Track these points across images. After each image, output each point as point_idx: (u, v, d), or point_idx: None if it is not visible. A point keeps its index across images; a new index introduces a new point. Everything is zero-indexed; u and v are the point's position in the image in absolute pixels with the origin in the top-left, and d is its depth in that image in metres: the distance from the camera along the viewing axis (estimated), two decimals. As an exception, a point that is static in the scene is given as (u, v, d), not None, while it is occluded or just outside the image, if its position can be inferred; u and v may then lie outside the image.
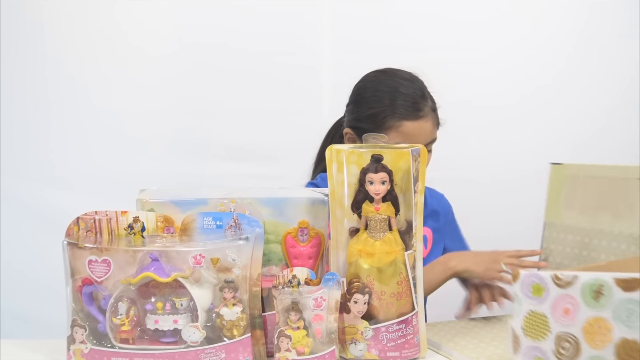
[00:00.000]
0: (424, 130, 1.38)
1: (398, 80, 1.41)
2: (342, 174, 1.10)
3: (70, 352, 1.06)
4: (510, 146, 2.18)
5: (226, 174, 2.15)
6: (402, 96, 1.38)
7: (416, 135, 1.36)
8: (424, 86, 1.43)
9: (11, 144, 2.15)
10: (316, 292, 1.04)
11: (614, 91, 2.17)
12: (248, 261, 1.05)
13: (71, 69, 2.15)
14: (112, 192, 2.00)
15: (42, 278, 2.04)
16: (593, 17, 2.18)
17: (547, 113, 2.17)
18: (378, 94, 1.40)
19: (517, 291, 0.90)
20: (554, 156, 2.18)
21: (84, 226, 1.08)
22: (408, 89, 1.39)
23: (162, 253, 1.05)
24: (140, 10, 2.17)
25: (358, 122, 1.42)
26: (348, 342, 1.08)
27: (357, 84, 1.47)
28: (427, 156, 1.39)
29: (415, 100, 1.38)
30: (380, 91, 1.40)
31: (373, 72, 1.47)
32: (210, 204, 1.12)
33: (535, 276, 0.89)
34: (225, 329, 1.04)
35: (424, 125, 1.38)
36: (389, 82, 1.41)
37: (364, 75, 1.47)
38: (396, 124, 1.36)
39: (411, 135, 1.36)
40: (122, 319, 1.04)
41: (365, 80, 1.46)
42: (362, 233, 1.09)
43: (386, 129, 1.36)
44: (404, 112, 1.36)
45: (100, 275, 1.05)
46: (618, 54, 2.17)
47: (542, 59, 2.20)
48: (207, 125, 2.20)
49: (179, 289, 1.04)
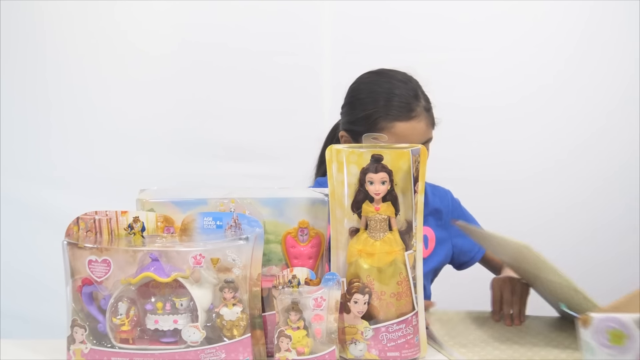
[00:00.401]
0: (416, 131, 1.37)
1: (391, 81, 1.41)
2: (342, 174, 1.10)
3: (70, 352, 1.06)
4: (510, 146, 2.18)
5: (226, 174, 2.15)
6: (395, 97, 1.38)
7: (409, 136, 1.36)
8: (417, 86, 1.42)
9: (11, 144, 2.15)
10: (316, 292, 1.04)
11: (614, 91, 2.17)
12: (248, 261, 1.05)
13: (71, 69, 2.15)
14: (112, 192, 2.00)
15: (42, 278, 2.04)
16: (593, 17, 2.18)
17: (547, 113, 2.17)
18: (372, 95, 1.40)
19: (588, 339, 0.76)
20: (554, 156, 2.19)
21: (84, 226, 1.08)
22: (401, 89, 1.39)
23: (162, 253, 1.05)
24: (140, 10, 2.17)
25: (352, 124, 1.42)
26: (348, 342, 1.08)
27: (351, 86, 1.47)
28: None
29: (407, 101, 1.38)
30: (374, 92, 1.40)
31: (367, 74, 1.47)
32: (210, 204, 1.12)
33: (614, 321, 0.73)
34: (225, 329, 1.04)
35: (417, 126, 1.37)
36: (382, 83, 1.41)
37: (358, 77, 1.47)
38: (388, 125, 1.36)
39: (404, 136, 1.36)
40: (122, 319, 1.04)
41: (359, 82, 1.46)
42: (362, 233, 1.09)
43: (379, 130, 1.36)
44: (396, 113, 1.36)
45: (100, 275, 1.05)
46: (618, 54, 2.17)
47: (542, 59, 2.19)
48: (207, 125, 2.20)
49: (179, 289, 1.04)
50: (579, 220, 2.15)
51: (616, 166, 2.15)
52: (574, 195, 2.15)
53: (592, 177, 2.15)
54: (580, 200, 2.15)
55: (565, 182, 2.16)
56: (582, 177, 2.15)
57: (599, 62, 2.17)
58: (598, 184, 2.14)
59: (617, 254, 2.11)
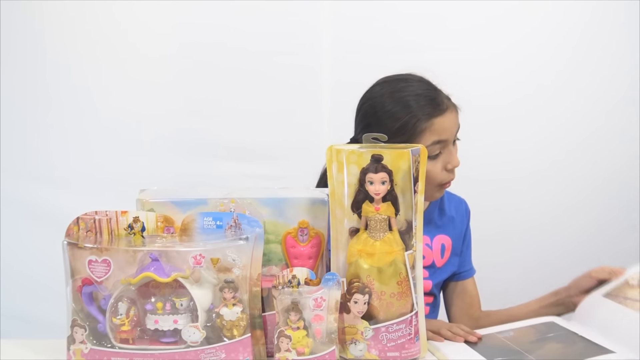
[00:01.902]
0: (452, 121, 1.36)
1: (410, 83, 1.38)
2: (342, 174, 1.10)
3: (70, 352, 1.06)
4: (509, 146, 2.18)
5: (226, 174, 2.15)
6: (421, 97, 1.36)
7: (448, 129, 1.35)
8: (428, 80, 1.41)
9: (11, 144, 2.15)
10: (316, 292, 1.04)
11: (613, 91, 2.17)
12: (248, 261, 1.05)
13: (71, 69, 2.14)
14: (112, 192, 2.00)
15: (42, 278, 2.04)
16: (593, 17, 2.18)
17: (547, 113, 2.17)
18: (400, 103, 1.35)
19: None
20: (553, 156, 2.19)
21: (84, 226, 1.08)
22: (422, 88, 1.37)
23: (162, 253, 1.05)
24: (140, 10, 2.17)
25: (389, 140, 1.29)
26: (348, 342, 1.08)
27: (364, 105, 1.40)
28: (455, 147, 1.38)
29: (433, 95, 1.36)
30: (401, 99, 1.35)
31: (376, 87, 1.41)
32: (210, 204, 1.13)
33: None
34: (225, 329, 1.04)
35: (450, 116, 1.36)
36: (402, 88, 1.36)
37: (367, 94, 1.41)
38: (428, 124, 1.33)
39: (443, 130, 1.34)
40: (122, 319, 1.04)
41: (372, 98, 1.39)
42: (362, 233, 1.09)
43: (420, 134, 1.32)
44: (431, 111, 1.34)
45: (100, 275, 1.05)
46: (618, 54, 2.16)
47: (542, 59, 2.19)
48: (207, 125, 2.20)
49: (179, 289, 1.04)
50: (578, 220, 2.15)
51: (616, 165, 2.15)
52: (573, 195, 2.15)
53: (592, 177, 2.15)
54: (579, 200, 2.15)
55: (565, 181, 2.16)
56: (582, 176, 2.15)
57: (599, 62, 2.17)
58: (597, 183, 2.14)
59: (616, 254, 2.11)
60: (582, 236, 2.14)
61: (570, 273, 1.36)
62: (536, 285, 2.11)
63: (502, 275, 2.10)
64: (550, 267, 2.11)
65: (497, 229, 2.12)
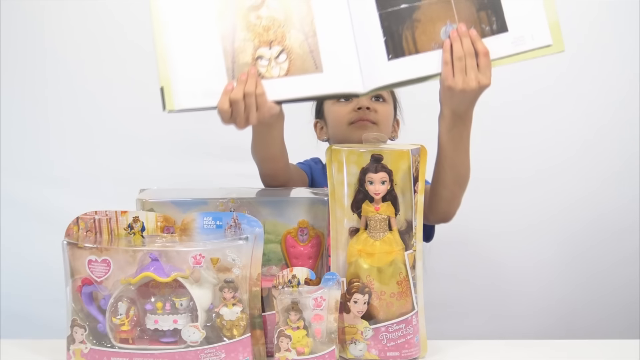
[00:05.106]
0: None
1: None
2: (341, 174, 1.10)
3: (70, 352, 1.06)
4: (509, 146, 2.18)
5: (226, 174, 2.15)
6: None
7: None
8: None
9: (11, 144, 2.15)
10: (316, 292, 1.04)
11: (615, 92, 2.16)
12: (248, 261, 1.05)
13: (71, 69, 2.14)
14: (112, 192, 2.00)
15: (42, 278, 2.03)
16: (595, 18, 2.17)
17: (547, 114, 2.17)
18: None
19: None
20: (555, 157, 2.18)
21: (84, 226, 1.08)
22: None
23: (162, 253, 1.05)
24: (140, 10, 2.16)
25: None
26: (348, 342, 1.08)
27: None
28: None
29: None
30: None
31: None
32: (210, 204, 1.13)
33: None
34: (225, 329, 1.05)
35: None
36: None
37: None
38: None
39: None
40: (122, 319, 1.05)
41: None
42: (362, 233, 1.09)
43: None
44: None
45: (100, 275, 1.05)
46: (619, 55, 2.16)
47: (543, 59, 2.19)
48: (207, 125, 2.19)
49: (178, 289, 1.04)
50: (578, 220, 2.14)
51: (617, 166, 2.15)
52: (573, 195, 2.15)
53: (592, 177, 2.15)
54: (579, 200, 2.14)
55: (565, 181, 2.15)
56: (582, 176, 2.15)
57: (600, 62, 2.17)
58: (598, 184, 2.14)
59: (616, 254, 2.11)
60: (582, 236, 2.14)
61: (570, 273, 1.36)
62: (535, 285, 2.12)
63: (502, 275, 2.10)
64: (550, 267, 2.11)
65: (497, 229, 2.12)
